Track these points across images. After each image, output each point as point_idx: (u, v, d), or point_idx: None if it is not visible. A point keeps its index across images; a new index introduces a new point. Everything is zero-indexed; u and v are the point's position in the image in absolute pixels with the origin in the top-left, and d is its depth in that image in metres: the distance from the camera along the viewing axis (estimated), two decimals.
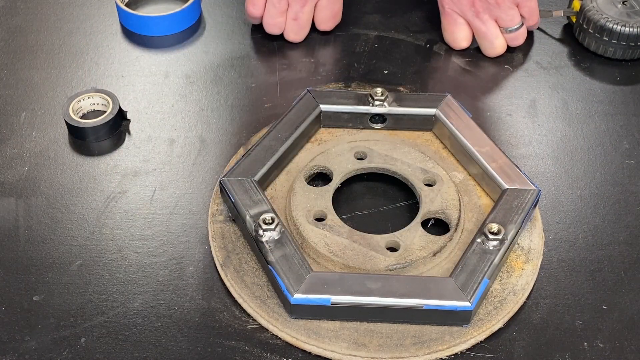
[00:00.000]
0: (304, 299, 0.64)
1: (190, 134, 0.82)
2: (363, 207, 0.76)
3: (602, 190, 0.78)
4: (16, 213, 0.74)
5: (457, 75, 0.90)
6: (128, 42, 0.94)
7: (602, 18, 0.89)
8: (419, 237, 0.69)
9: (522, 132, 0.83)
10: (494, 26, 0.89)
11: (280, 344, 0.65)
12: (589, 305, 0.68)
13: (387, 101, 0.79)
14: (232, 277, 0.68)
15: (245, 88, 0.88)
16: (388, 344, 0.64)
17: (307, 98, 0.80)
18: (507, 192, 0.71)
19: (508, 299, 0.67)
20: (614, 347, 0.65)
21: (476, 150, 0.75)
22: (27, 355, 0.64)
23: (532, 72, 0.91)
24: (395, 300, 0.64)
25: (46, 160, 0.79)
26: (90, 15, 0.97)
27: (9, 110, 0.85)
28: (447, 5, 0.90)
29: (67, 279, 0.69)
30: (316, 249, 0.68)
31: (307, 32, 0.92)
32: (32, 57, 0.91)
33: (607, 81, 0.90)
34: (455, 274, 0.65)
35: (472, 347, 0.65)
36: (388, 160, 0.76)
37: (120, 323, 0.66)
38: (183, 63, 0.91)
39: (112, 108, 0.82)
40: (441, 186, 0.73)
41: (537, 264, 0.70)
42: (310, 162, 0.76)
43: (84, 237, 0.73)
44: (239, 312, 0.67)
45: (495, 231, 0.67)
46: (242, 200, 0.70)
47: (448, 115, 0.78)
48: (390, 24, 0.97)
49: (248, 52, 0.92)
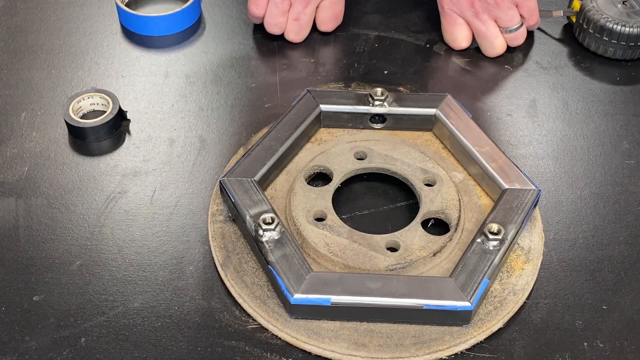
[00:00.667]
0: (304, 299, 0.64)
1: (190, 134, 0.82)
2: (363, 207, 0.76)
3: (602, 190, 0.78)
4: (16, 213, 0.74)
5: (457, 75, 0.90)
6: (128, 42, 0.94)
7: (602, 18, 0.89)
8: (419, 237, 0.69)
9: (522, 132, 0.83)
10: (494, 26, 0.89)
11: (280, 344, 0.65)
12: (589, 305, 0.68)
13: (387, 101, 0.79)
14: (232, 277, 0.68)
15: (245, 88, 0.88)
16: (388, 344, 0.64)
17: (307, 98, 0.80)
18: (507, 192, 0.71)
19: (508, 299, 0.67)
20: (614, 347, 0.65)
21: (476, 150, 0.75)
22: (27, 355, 0.64)
23: (532, 72, 0.91)
24: (395, 300, 0.64)
25: (46, 160, 0.79)
26: (90, 15, 0.97)
27: (9, 110, 0.85)
28: (446, 5, 0.90)
29: (67, 279, 0.69)
30: (316, 249, 0.68)
31: (308, 32, 0.92)
32: (32, 57, 0.91)
33: (607, 81, 0.89)
34: (455, 274, 0.65)
35: (472, 347, 0.65)
36: (388, 160, 0.76)
37: (120, 323, 0.66)
38: (183, 63, 0.91)
39: (112, 108, 0.82)
40: (441, 186, 0.73)
41: (537, 264, 0.70)
42: (310, 162, 0.76)
43: (84, 237, 0.73)
44: (239, 312, 0.67)
45: (495, 231, 0.67)
46: (242, 200, 0.70)
47: (448, 115, 0.78)
48: (390, 24, 0.97)
49: (248, 52, 0.92)
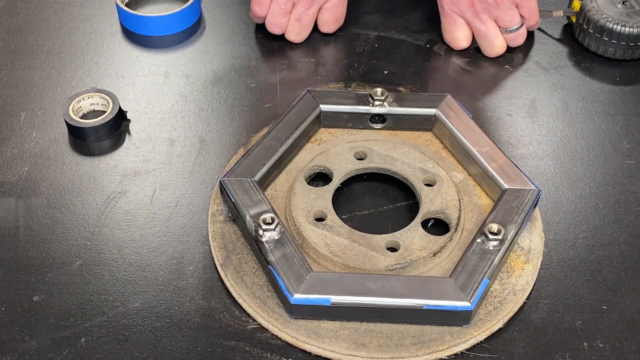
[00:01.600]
0: (304, 299, 0.64)
1: (190, 134, 0.82)
2: (363, 207, 0.76)
3: (602, 190, 0.78)
4: (16, 213, 0.74)
5: (457, 75, 0.90)
6: (128, 42, 0.94)
7: (602, 18, 0.89)
8: (419, 237, 0.69)
9: (522, 132, 0.83)
10: (494, 26, 0.89)
11: (280, 344, 0.65)
12: (589, 305, 0.68)
13: (387, 101, 0.79)
14: (232, 277, 0.68)
15: (245, 88, 0.88)
16: (388, 344, 0.64)
17: (307, 98, 0.80)
18: (507, 192, 0.71)
19: (508, 299, 0.67)
20: (614, 347, 0.65)
21: (476, 150, 0.75)
22: (27, 355, 0.64)
23: (532, 72, 0.91)
24: (395, 300, 0.64)
25: (46, 160, 0.79)
26: (90, 15, 0.97)
27: (9, 110, 0.85)
28: (446, 5, 0.90)
29: (67, 279, 0.69)
30: (316, 249, 0.68)
31: (309, 33, 0.92)
32: (32, 57, 0.91)
33: (607, 81, 0.89)
34: (455, 274, 0.65)
35: (472, 347, 0.65)
36: (388, 160, 0.76)
37: (120, 323, 0.66)
38: (183, 63, 0.91)
39: (112, 108, 0.82)
40: (441, 186, 0.73)
41: (537, 264, 0.70)
42: (310, 162, 0.76)
43: (84, 237, 0.73)
44: (239, 312, 0.67)
45: (495, 231, 0.67)
46: (242, 200, 0.70)
47: (448, 115, 0.78)
48: (390, 24, 0.97)
49: (248, 52, 0.92)
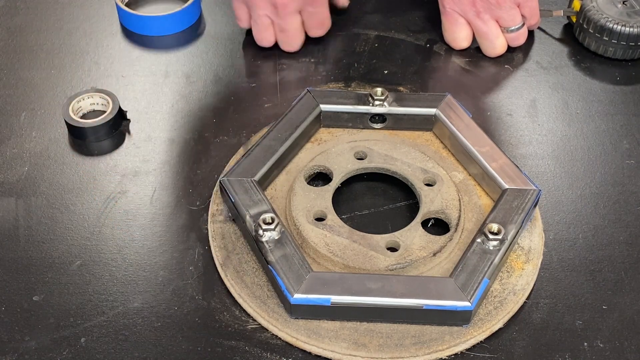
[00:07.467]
0: (304, 299, 0.64)
1: (190, 134, 0.82)
2: (363, 207, 0.76)
3: (602, 190, 0.78)
4: (16, 213, 0.74)
5: (457, 75, 0.90)
6: (128, 42, 0.94)
7: (602, 18, 0.89)
8: (419, 237, 0.69)
9: (522, 132, 0.83)
10: (495, 26, 0.89)
11: (280, 344, 0.65)
12: (589, 305, 0.68)
13: (387, 101, 0.79)
14: (232, 277, 0.68)
15: (245, 88, 0.88)
16: (388, 344, 0.64)
17: (307, 98, 0.80)
18: (507, 192, 0.71)
19: (508, 299, 0.67)
20: (614, 347, 0.65)
21: (476, 150, 0.75)
22: (27, 355, 0.64)
23: (532, 72, 0.90)
24: (395, 300, 0.64)
25: (46, 160, 0.79)
26: (90, 15, 0.97)
27: (9, 110, 0.85)
28: (447, 5, 0.90)
29: (67, 279, 0.69)
30: (316, 249, 0.68)
31: (301, 40, 0.90)
32: (32, 57, 0.91)
33: (607, 81, 0.89)
34: (455, 274, 0.65)
35: (472, 347, 0.65)
36: (388, 160, 0.76)
37: (120, 323, 0.66)
38: (183, 63, 0.91)
39: (112, 108, 0.82)
40: (441, 186, 0.73)
41: (537, 264, 0.70)
42: (310, 162, 0.76)
43: (84, 237, 0.73)
44: (239, 312, 0.67)
45: (495, 231, 0.67)
46: (242, 200, 0.70)
47: (448, 115, 0.78)
48: (390, 24, 0.97)
49: (248, 52, 0.92)
